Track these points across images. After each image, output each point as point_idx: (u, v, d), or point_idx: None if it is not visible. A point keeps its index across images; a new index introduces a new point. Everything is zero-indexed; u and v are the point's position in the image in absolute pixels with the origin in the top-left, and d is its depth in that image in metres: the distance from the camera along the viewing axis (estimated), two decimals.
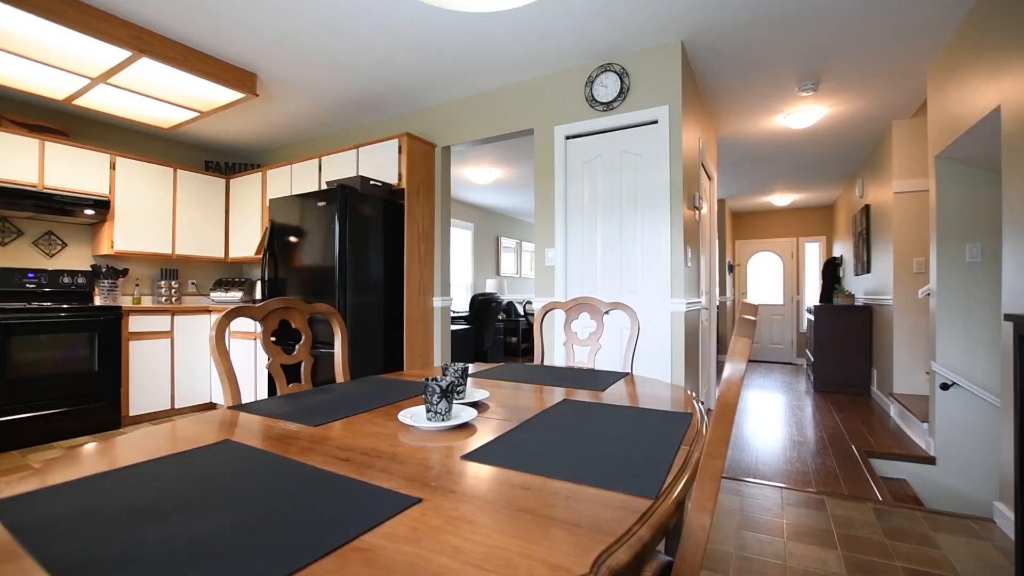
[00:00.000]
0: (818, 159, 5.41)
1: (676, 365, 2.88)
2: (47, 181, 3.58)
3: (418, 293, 3.61)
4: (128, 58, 2.75)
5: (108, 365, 3.65)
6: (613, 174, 3.12)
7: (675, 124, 2.92)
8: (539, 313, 2.01)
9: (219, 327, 1.28)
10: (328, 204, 3.22)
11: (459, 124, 3.74)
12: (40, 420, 3.34)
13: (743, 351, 0.65)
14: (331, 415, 1.12)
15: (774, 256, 8.28)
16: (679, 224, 2.90)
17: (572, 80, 3.27)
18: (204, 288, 4.95)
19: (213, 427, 1.04)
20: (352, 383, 1.48)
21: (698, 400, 1.30)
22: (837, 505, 2.38)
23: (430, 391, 1.03)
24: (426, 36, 2.87)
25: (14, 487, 0.73)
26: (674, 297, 2.88)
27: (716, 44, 2.95)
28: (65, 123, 3.98)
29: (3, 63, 2.83)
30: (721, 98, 3.75)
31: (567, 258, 3.26)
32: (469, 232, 7.68)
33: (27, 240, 3.79)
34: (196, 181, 4.51)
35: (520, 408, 1.21)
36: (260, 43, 2.91)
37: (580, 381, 1.54)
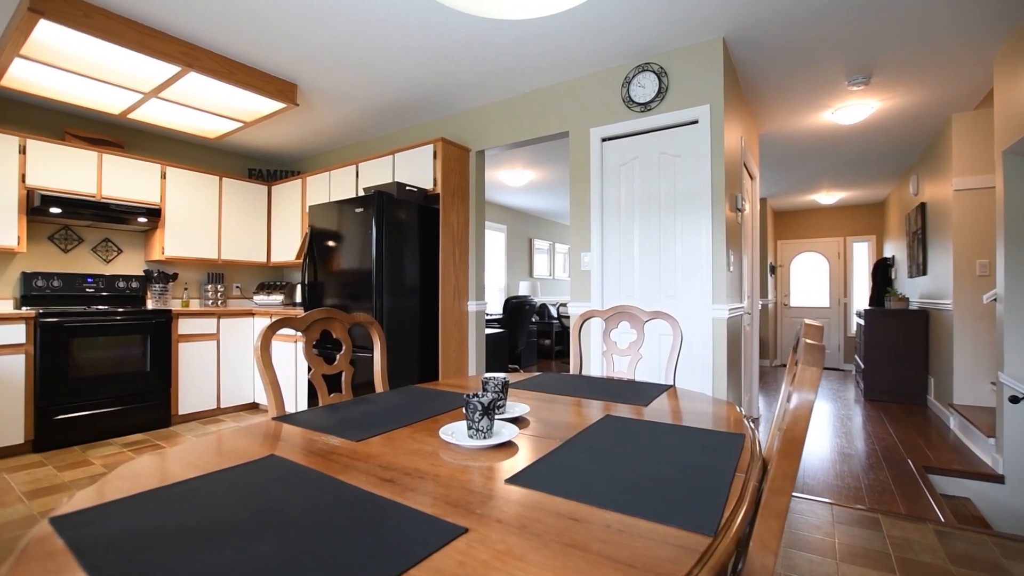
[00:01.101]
0: (868, 155, 5.15)
1: (718, 374, 2.78)
2: (104, 191, 3.77)
3: (453, 297, 3.63)
4: (177, 73, 2.87)
5: (159, 366, 3.82)
6: (651, 176, 3.05)
7: (716, 124, 2.82)
8: (577, 321, 1.97)
9: (264, 338, 1.30)
10: (365, 210, 3.27)
11: (493, 128, 3.73)
12: (98, 417, 3.52)
13: (813, 381, 0.60)
14: (372, 429, 1.12)
15: (819, 257, 7.93)
16: (721, 227, 2.80)
17: (608, 81, 3.21)
18: (248, 291, 5.12)
19: (258, 440, 1.06)
20: (391, 393, 1.48)
21: (748, 419, 1.24)
22: (894, 525, 2.24)
23: (472, 408, 1.01)
24: (461, 42, 2.87)
25: (75, 502, 0.75)
26: (716, 303, 2.78)
27: (760, 39, 2.83)
28: (121, 136, 4.19)
29: (66, 82, 3.00)
30: (764, 95, 3.61)
31: (603, 262, 3.20)
32: (502, 234, 7.68)
33: (87, 247, 4.01)
34: (240, 188, 4.67)
35: (561, 424, 1.18)
36: (300, 54, 2.98)
37: (621, 394, 1.50)
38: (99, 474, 2.90)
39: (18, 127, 3.68)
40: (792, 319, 7.95)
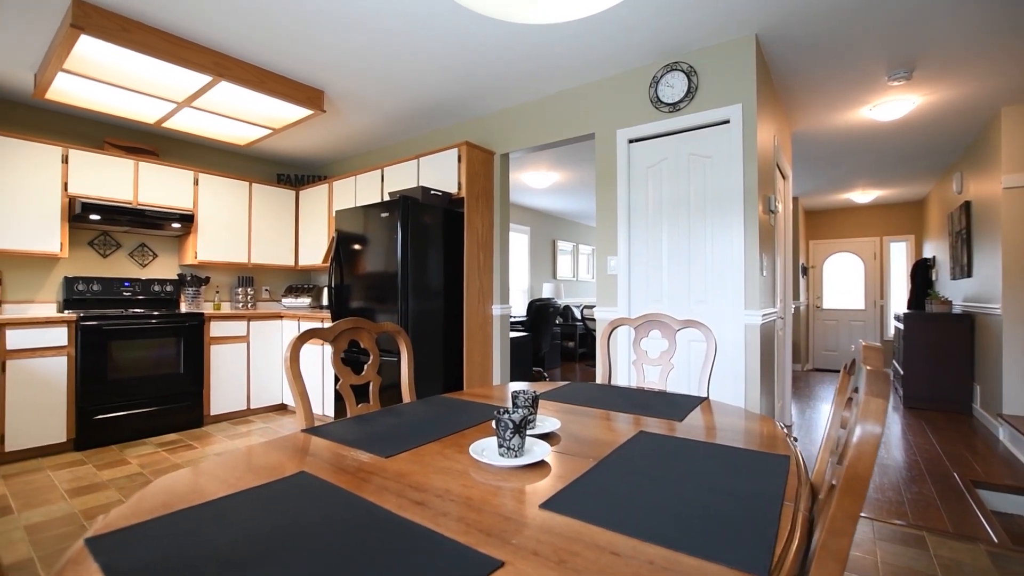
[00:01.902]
0: (907, 152, 4.94)
1: (751, 382, 2.69)
2: (140, 198, 3.89)
3: (477, 301, 3.61)
4: (209, 82, 2.93)
5: (192, 367, 3.92)
6: (680, 178, 2.97)
7: (749, 123, 2.73)
8: (605, 329, 1.93)
9: (293, 349, 1.30)
10: (390, 214, 3.28)
11: (518, 131, 3.71)
12: (134, 417, 3.63)
13: (879, 414, 0.55)
14: (401, 444, 1.11)
15: (854, 257, 7.66)
16: (753, 229, 2.72)
17: (635, 81, 3.14)
18: (276, 294, 5.22)
19: (288, 454, 1.05)
20: (418, 405, 1.47)
21: (792, 437, 1.18)
22: (941, 544, 2.13)
23: (503, 426, 0.98)
24: (485, 46, 2.86)
25: (111, 520, 0.75)
26: (748, 308, 2.70)
27: (795, 35, 2.73)
28: (155, 144, 4.32)
29: (105, 94, 3.09)
30: (798, 92, 3.49)
31: (631, 267, 3.14)
32: (525, 236, 7.65)
33: (124, 252, 4.14)
34: (269, 193, 4.76)
35: (593, 442, 1.14)
36: (327, 61, 3.01)
37: (653, 408, 1.45)
38: (136, 473, 2.99)
39: (61, 137, 3.83)
40: (825, 322, 7.70)
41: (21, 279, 3.65)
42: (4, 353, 3.10)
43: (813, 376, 6.78)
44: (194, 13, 2.48)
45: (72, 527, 2.33)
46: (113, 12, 2.43)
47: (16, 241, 3.36)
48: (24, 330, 3.16)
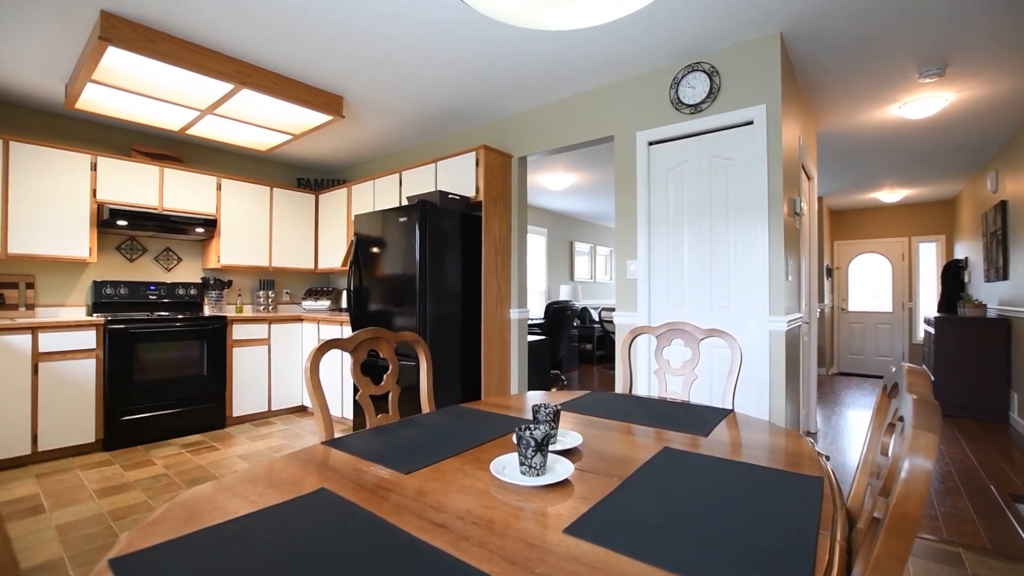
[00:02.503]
0: (938, 151, 4.77)
1: (775, 390, 2.62)
2: (166, 203, 3.97)
3: (495, 305, 3.60)
4: (231, 90, 2.97)
5: (215, 369, 3.99)
6: (701, 181, 2.91)
7: (774, 124, 2.66)
8: (626, 337, 1.89)
9: (313, 360, 1.30)
10: (409, 219, 3.29)
11: (536, 134, 3.68)
12: (160, 418, 3.71)
13: (930, 449, 0.52)
14: (421, 459, 1.09)
15: (880, 258, 7.45)
16: (778, 233, 2.65)
17: (655, 82, 3.09)
18: (296, 297, 5.28)
19: (308, 469, 1.05)
20: (437, 415, 1.45)
21: (823, 456, 1.13)
22: (979, 562, 2.04)
23: (524, 443, 0.96)
24: (503, 50, 2.84)
25: (133, 540, 0.75)
26: (773, 314, 2.63)
27: (822, 33, 2.66)
28: (180, 150, 4.41)
29: (132, 103, 3.16)
30: (823, 91, 3.39)
31: (651, 271, 3.09)
32: (543, 238, 7.62)
33: (150, 256, 4.24)
34: (289, 198, 4.82)
35: (616, 458, 1.11)
36: (347, 68, 3.03)
37: (677, 420, 1.42)
38: (160, 475, 3.04)
39: (90, 145, 3.93)
40: (851, 324, 7.50)
41: (53, 283, 3.76)
42: (37, 356, 3.19)
43: (838, 381, 6.61)
44: (217, 23, 2.51)
45: (100, 528, 2.38)
46: (139, 23, 2.48)
47: (48, 246, 3.46)
48: (55, 333, 3.25)
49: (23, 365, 3.13)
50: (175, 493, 2.76)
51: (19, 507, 2.60)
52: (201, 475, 3.04)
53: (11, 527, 2.39)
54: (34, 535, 2.32)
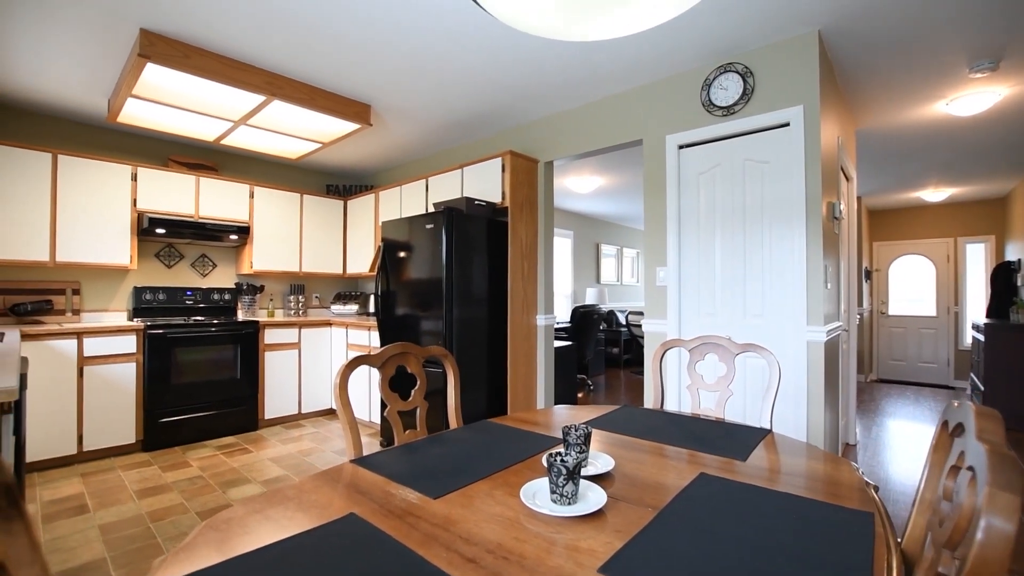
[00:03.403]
0: (989, 148, 4.52)
1: (813, 403, 2.52)
2: (201, 211, 4.09)
3: (521, 311, 3.58)
4: (263, 102, 3.03)
5: (248, 373, 4.08)
6: (734, 185, 2.83)
7: (811, 126, 2.56)
8: (657, 351, 1.84)
9: (342, 377, 1.30)
10: (435, 225, 3.30)
11: (562, 138, 3.64)
12: (195, 420, 3.82)
13: (1010, 510, 0.47)
14: (450, 482, 1.08)
15: (924, 260, 7.11)
16: (817, 239, 2.54)
17: (685, 84, 3.02)
18: (326, 301, 5.37)
19: (338, 490, 1.04)
20: (464, 432, 1.44)
21: (872, 486, 1.07)
22: None
23: (555, 471, 0.94)
24: (529, 56, 2.81)
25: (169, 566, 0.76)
26: (811, 324, 2.52)
27: (863, 29, 2.54)
28: (215, 160, 4.53)
29: (169, 115, 3.27)
30: (864, 89, 3.25)
31: (681, 278, 3.01)
32: (568, 240, 7.56)
33: (187, 262, 4.37)
34: (319, 204, 4.91)
35: (650, 485, 1.07)
36: (374, 77, 3.05)
37: (712, 443, 1.36)
38: (196, 476, 3.13)
39: (130, 156, 4.08)
40: (891, 329, 7.19)
41: (97, 289, 3.91)
42: (82, 360, 3.32)
43: (878, 388, 6.34)
44: (248, 37, 2.57)
45: (139, 529, 2.46)
46: (176, 40, 2.56)
47: (93, 255, 3.61)
48: (98, 338, 3.38)
49: (69, 369, 3.27)
50: (209, 496, 2.84)
51: (66, 506, 2.71)
52: (234, 477, 3.11)
53: (59, 525, 2.50)
54: (80, 534, 2.41)
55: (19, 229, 3.32)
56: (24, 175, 3.34)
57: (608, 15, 1.01)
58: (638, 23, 1.07)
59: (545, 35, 1.13)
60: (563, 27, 1.07)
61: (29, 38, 2.58)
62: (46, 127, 3.72)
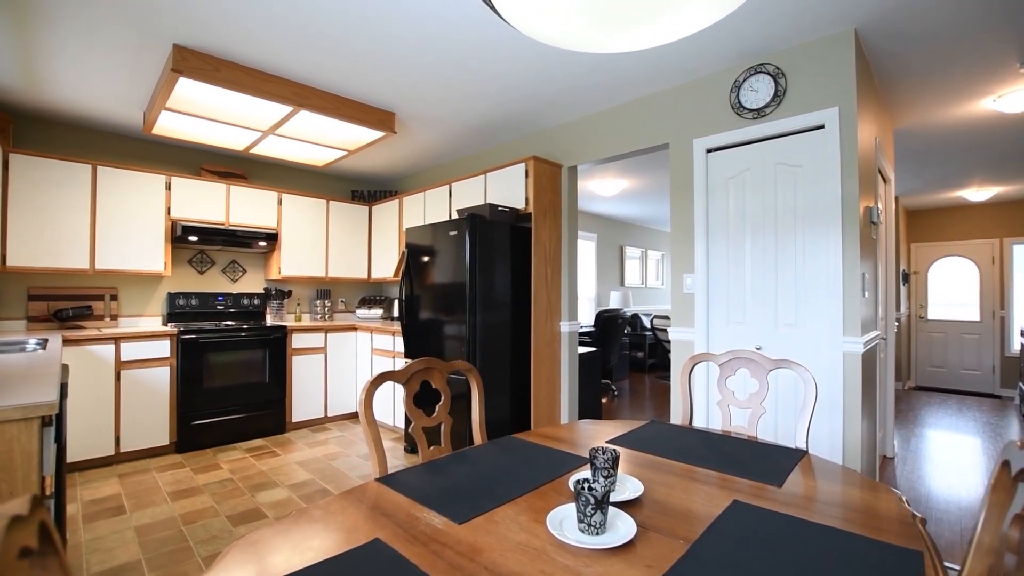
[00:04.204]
0: None
1: (850, 416, 2.42)
2: (232, 219, 4.19)
3: (545, 318, 3.55)
4: (290, 112, 3.08)
5: (276, 376, 4.16)
6: (765, 190, 2.74)
7: (848, 128, 2.46)
8: (685, 365, 1.79)
9: (367, 393, 1.30)
10: (459, 232, 3.30)
11: (586, 142, 3.60)
12: (226, 423, 3.91)
13: None
14: (475, 505, 1.06)
15: (966, 262, 6.80)
16: (853, 245, 2.44)
17: (714, 86, 2.94)
18: (351, 305, 5.45)
19: (362, 512, 1.04)
20: (489, 449, 1.42)
21: (919, 519, 1.01)
22: None
23: (583, 500, 0.91)
24: (554, 62, 2.78)
25: None
26: (848, 335, 2.43)
27: (902, 26, 2.43)
28: (244, 168, 4.64)
29: (201, 127, 3.36)
30: (903, 87, 3.11)
31: (709, 285, 2.94)
32: (592, 243, 7.49)
33: (218, 268, 4.49)
34: (344, 210, 4.98)
35: (681, 513, 1.04)
36: (398, 86, 3.07)
37: (745, 465, 1.31)
38: (226, 479, 3.20)
39: (164, 166, 4.21)
40: (930, 334, 6.90)
41: (133, 295, 4.05)
42: (119, 364, 3.44)
43: (917, 397, 6.08)
44: (276, 49, 2.61)
45: (172, 531, 2.53)
46: (207, 54, 2.62)
47: (129, 262, 3.73)
48: (134, 343, 3.49)
49: (108, 373, 3.39)
50: (239, 499, 2.89)
51: (105, 506, 2.81)
52: (263, 481, 3.17)
53: (98, 526, 2.58)
54: (117, 535, 2.49)
55: (62, 238, 3.46)
56: (67, 186, 3.47)
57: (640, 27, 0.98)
58: (671, 34, 1.04)
59: (573, 48, 1.10)
60: (592, 40, 1.05)
61: (71, 56, 2.68)
62: (86, 140, 3.86)
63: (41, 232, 3.39)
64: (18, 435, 1.24)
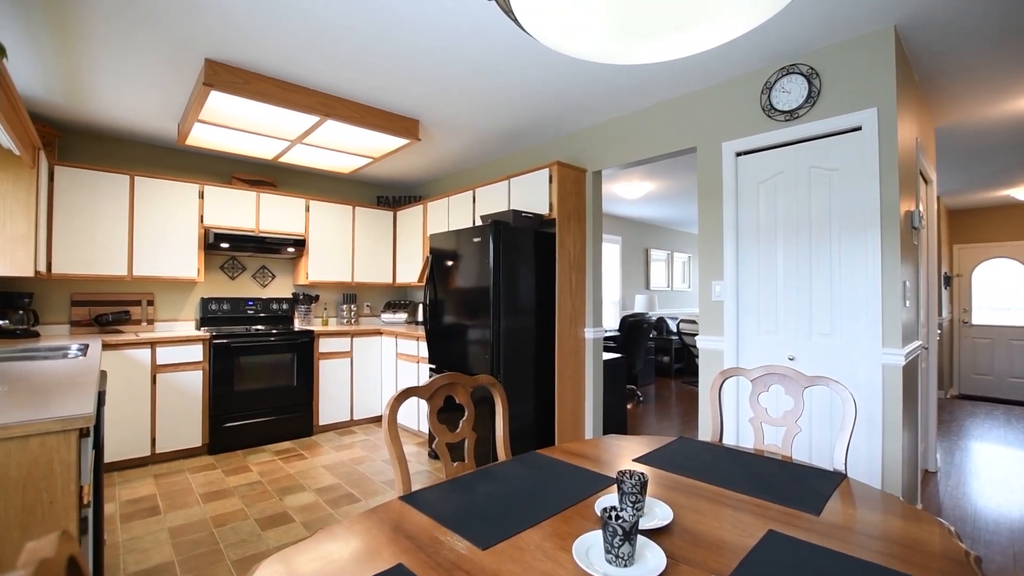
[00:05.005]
0: None
1: (890, 432, 2.31)
2: (261, 226, 4.28)
3: (569, 324, 3.51)
4: (317, 122, 3.13)
5: (304, 380, 4.24)
6: (798, 194, 2.65)
7: (887, 129, 2.36)
8: (715, 380, 1.73)
9: (392, 409, 1.30)
10: (482, 239, 3.29)
11: (611, 147, 3.55)
12: (256, 426, 3.99)
13: None
14: (499, 529, 1.04)
15: (1014, 264, 6.45)
16: (893, 252, 2.34)
17: (743, 88, 2.86)
18: (376, 309, 5.51)
19: (385, 533, 1.03)
20: (513, 466, 1.40)
21: (972, 556, 0.94)
22: None
23: (611, 531, 0.88)
24: (578, 67, 2.75)
25: None
26: (887, 346, 2.32)
27: (946, 19, 2.31)
28: (273, 176, 4.74)
29: (232, 137, 3.44)
30: (946, 83, 2.97)
31: (739, 293, 2.86)
32: (616, 246, 7.40)
33: (248, 274, 4.59)
34: (369, 215, 5.04)
35: (714, 543, 1.00)
36: (422, 94, 3.08)
37: (780, 489, 1.26)
38: (255, 482, 3.27)
39: (197, 175, 4.34)
40: (975, 340, 6.57)
41: (168, 300, 4.18)
42: (155, 368, 3.55)
43: (960, 406, 5.80)
44: (303, 62, 2.65)
45: (204, 533, 2.59)
46: (237, 68, 2.68)
47: (165, 268, 3.85)
48: (169, 348, 3.60)
49: (144, 376, 3.50)
50: (267, 502, 2.95)
51: (141, 507, 2.90)
52: (290, 484, 3.22)
53: (134, 526, 2.66)
54: (152, 536, 2.56)
55: (102, 246, 3.60)
56: (107, 196, 3.61)
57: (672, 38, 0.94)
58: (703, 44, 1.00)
59: (599, 60, 1.07)
60: (621, 53, 1.02)
61: (111, 72, 2.78)
62: (124, 151, 4.01)
63: (83, 241, 3.53)
64: (57, 447, 1.28)
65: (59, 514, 1.28)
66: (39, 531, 1.26)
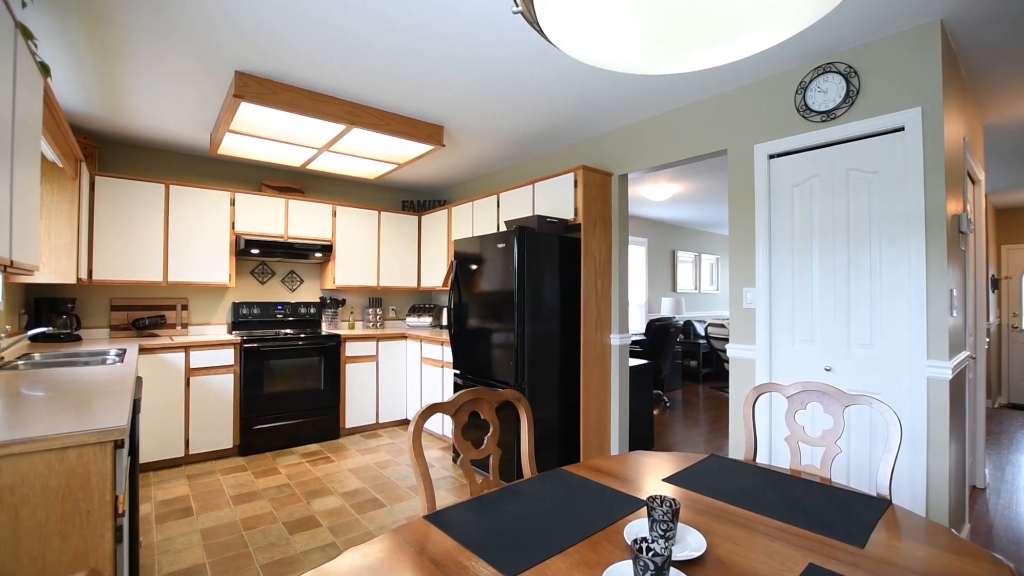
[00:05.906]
0: None
1: (935, 449, 2.19)
2: (290, 231, 4.37)
3: (595, 331, 3.46)
4: (343, 130, 3.16)
5: (331, 383, 4.30)
6: (836, 198, 2.54)
7: (932, 129, 2.23)
8: (749, 396, 1.67)
9: (416, 426, 1.28)
10: (507, 244, 3.27)
11: (637, 149, 3.48)
12: (284, 428, 4.07)
13: None
14: (524, 556, 1.02)
15: None
16: (939, 259, 2.21)
17: (776, 88, 2.76)
18: (401, 313, 5.55)
19: (410, 557, 1.02)
20: (539, 485, 1.37)
21: None
22: None
23: (642, 565, 0.85)
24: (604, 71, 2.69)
25: None
26: (932, 359, 2.20)
27: (996, 13, 2.18)
28: (301, 182, 4.83)
29: (262, 146, 3.51)
30: (995, 78, 2.81)
31: (771, 301, 2.76)
32: (642, 248, 7.28)
33: (278, 279, 4.69)
34: (395, 220, 5.08)
35: None
36: (446, 100, 3.08)
37: (820, 516, 1.20)
38: (284, 484, 3.32)
39: (228, 183, 4.45)
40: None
41: (202, 305, 4.30)
42: (188, 371, 3.65)
43: (1010, 416, 5.50)
44: (330, 72, 2.68)
45: (234, 536, 2.64)
46: (265, 79, 2.73)
47: (198, 274, 3.96)
48: (202, 352, 3.70)
49: (178, 379, 3.60)
50: (295, 506, 2.99)
51: (174, 507, 2.98)
52: (318, 487, 3.27)
53: (168, 527, 2.74)
54: (184, 537, 2.63)
55: (139, 253, 3.72)
56: (143, 204, 3.73)
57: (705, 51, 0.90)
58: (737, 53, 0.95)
59: (628, 71, 1.04)
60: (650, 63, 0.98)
61: (146, 85, 2.86)
62: (159, 160, 4.14)
63: (122, 247, 3.65)
64: (94, 458, 1.31)
65: (96, 523, 1.32)
66: (77, 540, 1.29)
